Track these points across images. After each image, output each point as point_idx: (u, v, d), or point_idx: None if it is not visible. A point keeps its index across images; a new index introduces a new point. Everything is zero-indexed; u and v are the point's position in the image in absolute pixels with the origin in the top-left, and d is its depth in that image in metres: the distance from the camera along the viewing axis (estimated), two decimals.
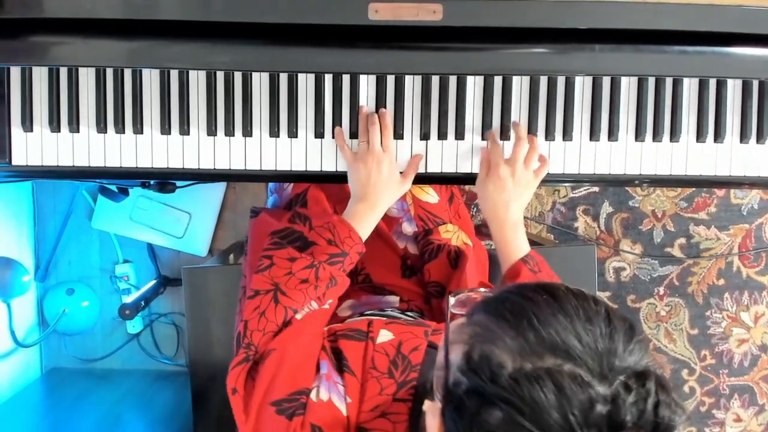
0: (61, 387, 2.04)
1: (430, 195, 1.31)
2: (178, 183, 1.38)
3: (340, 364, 0.92)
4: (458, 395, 0.69)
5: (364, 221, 1.12)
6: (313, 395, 0.88)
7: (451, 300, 0.81)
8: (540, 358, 0.66)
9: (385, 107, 1.21)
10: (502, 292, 0.73)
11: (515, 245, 1.16)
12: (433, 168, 1.22)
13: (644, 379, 0.65)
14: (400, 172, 1.19)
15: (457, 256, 1.25)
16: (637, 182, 1.26)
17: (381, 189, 1.15)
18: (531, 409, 0.64)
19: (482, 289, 0.83)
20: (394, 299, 1.22)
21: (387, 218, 1.27)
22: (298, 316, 1.00)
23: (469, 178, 1.24)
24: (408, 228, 1.29)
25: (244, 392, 0.92)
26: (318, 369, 0.92)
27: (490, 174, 1.17)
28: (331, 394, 0.89)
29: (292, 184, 1.32)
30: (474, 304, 0.75)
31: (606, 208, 2.13)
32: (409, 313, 1.17)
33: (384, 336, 0.95)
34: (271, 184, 1.39)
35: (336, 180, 1.25)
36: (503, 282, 1.15)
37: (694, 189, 2.12)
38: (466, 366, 0.69)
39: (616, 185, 2.04)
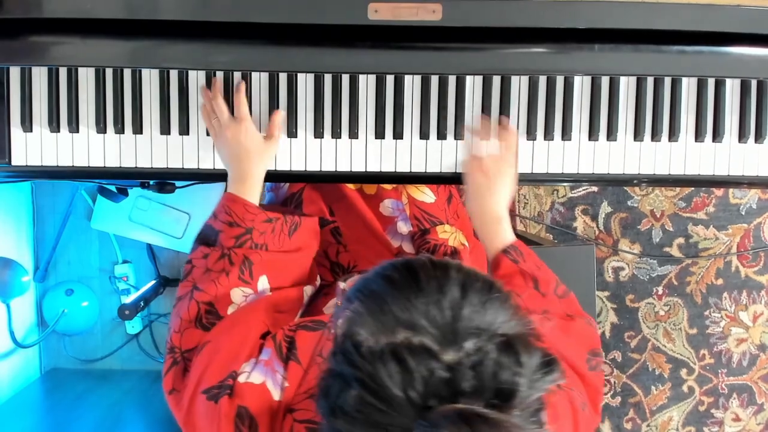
0: (60, 387, 2.04)
1: (426, 195, 1.31)
2: (178, 183, 1.39)
3: (289, 354, 0.92)
4: (326, 379, 0.70)
5: (245, 195, 1.11)
6: (241, 378, 0.88)
7: (341, 285, 0.82)
8: (392, 334, 0.66)
9: (384, 107, 1.21)
10: (370, 273, 0.74)
11: (498, 238, 1.13)
12: (433, 168, 1.22)
13: (486, 340, 0.66)
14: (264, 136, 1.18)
15: (452, 256, 1.25)
16: (635, 182, 1.26)
17: (245, 159, 1.13)
18: (378, 386, 0.64)
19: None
20: None
21: (382, 217, 1.27)
22: (230, 310, 1.01)
23: None
24: (403, 227, 1.29)
25: (180, 390, 0.94)
26: (257, 353, 0.92)
27: (467, 167, 1.17)
28: (267, 378, 0.88)
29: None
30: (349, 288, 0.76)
31: (605, 208, 2.13)
32: None
33: None
34: (268, 183, 1.40)
35: (335, 180, 1.25)
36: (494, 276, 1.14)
37: (692, 189, 2.12)
38: (333, 349, 0.70)
39: (614, 185, 2.05)
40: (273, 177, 1.26)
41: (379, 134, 1.22)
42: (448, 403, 0.63)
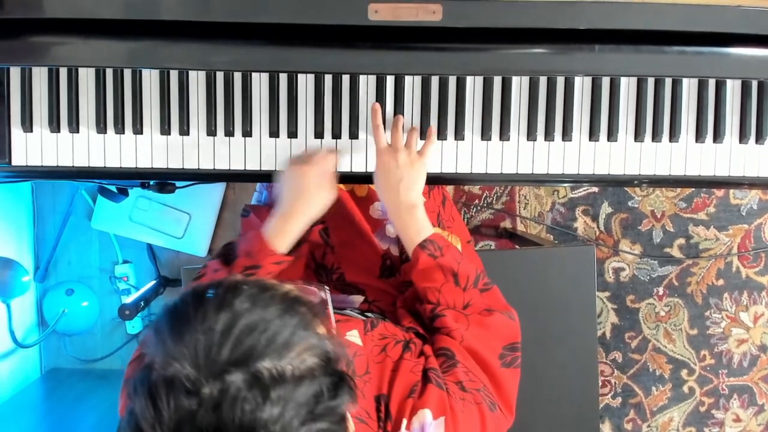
0: (60, 387, 2.04)
1: None
2: (178, 183, 1.38)
3: None
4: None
5: (281, 235, 1.12)
6: None
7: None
8: (166, 366, 0.65)
9: (385, 107, 1.20)
10: (170, 300, 0.73)
11: (414, 228, 1.13)
12: (433, 168, 1.22)
13: (246, 372, 0.64)
14: None
15: None
16: (636, 182, 1.26)
17: (309, 199, 1.13)
18: (136, 422, 0.64)
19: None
20: (358, 299, 1.22)
21: (371, 220, 1.27)
22: None
23: (471, 178, 1.24)
24: (392, 230, 1.28)
25: None
26: None
27: (376, 162, 1.17)
28: None
29: None
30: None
31: (605, 209, 2.13)
32: (368, 314, 1.17)
33: None
34: (262, 183, 1.40)
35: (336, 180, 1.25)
36: (406, 270, 1.14)
37: (693, 189, 2.12)
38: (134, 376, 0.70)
39: (615, 185, 2.05)
40: (272, 177, 1.26)
41: None
42: None
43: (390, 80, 1.21)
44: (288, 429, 0.64)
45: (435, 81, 1.21)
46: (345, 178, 1.23)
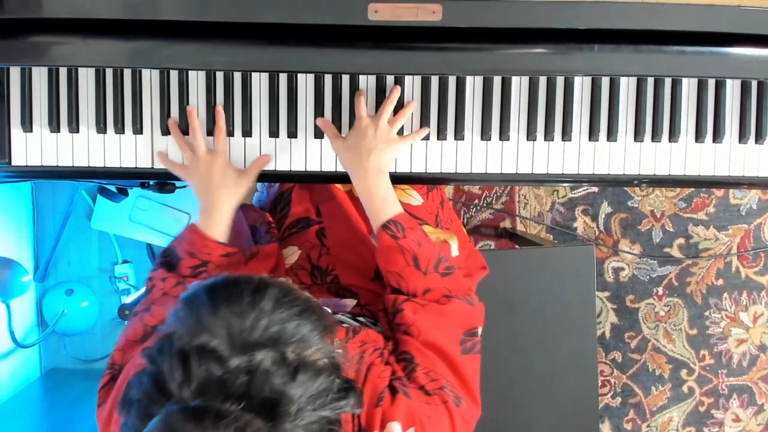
0: (60, 387, 2.04)
1: (412, 197, 1.30)
2: (178, 183, 1.38)
3: None
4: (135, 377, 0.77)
5: (212, 228, 1.14)
6: None
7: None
8: (195, 336, 0.73)
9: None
10: (205, 280, 0.81)
11: (380, 198, 1.13)
12: (433, 168, 1.22)
13: (274, 353, 0.73)
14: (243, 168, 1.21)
15: None
16: (636, 182, 1.26)
17: (215, 192, 1.16)
18: (160, 380, 0.72)
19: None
20: (350, 303, 1.21)
21: (368, 220, 1.27)
22: None
23: (470, 178, 1.24)
24: None
25: (106, 402, 0.98)
26: None
27: (353, 125, 1.17)
28: None
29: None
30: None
31: (605, 209, 2.13)
32: (360, 318, 1.16)
33: None
34: (260, 183, 1.40)
35: (336, 180, 1.25)
36: (376, 252, 1.14)
37: (693, 189, 2.12)
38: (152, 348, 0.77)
39: (615, 185, 2.05)
40: (272, 177, 1.26)
41: None
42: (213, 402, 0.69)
43: (390, 80, 1.21)
44: (301, 412, 0.72)
45: (435, 81, 1.21)
46: (344, 178, 1.23)
